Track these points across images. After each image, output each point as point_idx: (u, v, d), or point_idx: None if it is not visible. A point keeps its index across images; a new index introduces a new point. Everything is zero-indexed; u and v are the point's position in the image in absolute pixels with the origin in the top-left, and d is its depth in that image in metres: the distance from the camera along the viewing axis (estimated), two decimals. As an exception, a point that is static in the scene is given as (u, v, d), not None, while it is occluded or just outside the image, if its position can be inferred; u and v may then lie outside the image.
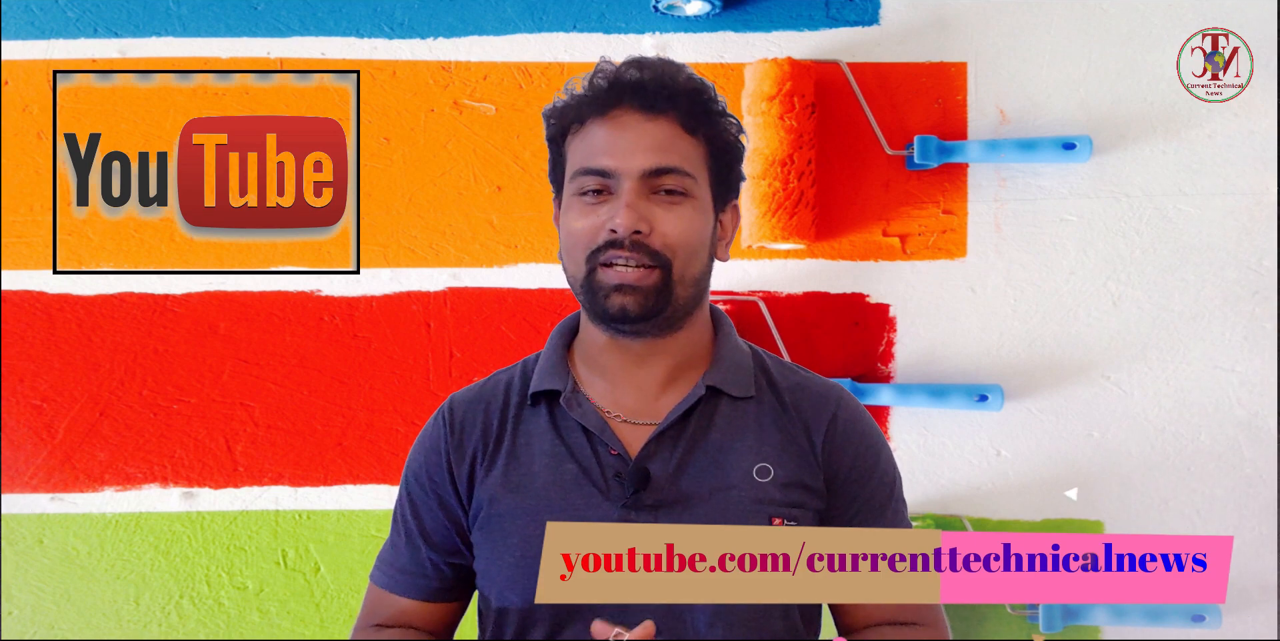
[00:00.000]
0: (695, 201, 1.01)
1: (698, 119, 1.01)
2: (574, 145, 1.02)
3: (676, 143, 1.00)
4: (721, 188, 1.05)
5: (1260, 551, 1.71)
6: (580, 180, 1.00)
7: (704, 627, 0.98)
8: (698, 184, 1.01)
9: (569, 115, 1.03)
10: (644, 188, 0.98)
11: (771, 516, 1.01)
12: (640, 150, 0.98)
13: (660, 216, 0.98)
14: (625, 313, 0.98)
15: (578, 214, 1.00)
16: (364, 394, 1.74)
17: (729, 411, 1.04)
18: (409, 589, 1.09)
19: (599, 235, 0.98)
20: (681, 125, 1.00)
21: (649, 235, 0.98)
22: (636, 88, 1.00)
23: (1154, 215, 1.72)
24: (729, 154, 1.04)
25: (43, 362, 1.74)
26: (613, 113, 1.00)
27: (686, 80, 1.02)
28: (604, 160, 0.99)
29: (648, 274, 0.98)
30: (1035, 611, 1.67)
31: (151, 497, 1.74)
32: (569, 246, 1.01)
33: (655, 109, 1.00)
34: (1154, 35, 1.72)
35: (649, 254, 0.98)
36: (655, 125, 0.99)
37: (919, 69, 1.73)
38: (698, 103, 1.01)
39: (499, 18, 1.75)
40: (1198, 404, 1.71)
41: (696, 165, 1.01)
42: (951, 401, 1.68)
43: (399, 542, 1.11)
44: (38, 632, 1.74)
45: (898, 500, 1.08)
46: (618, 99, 1.00)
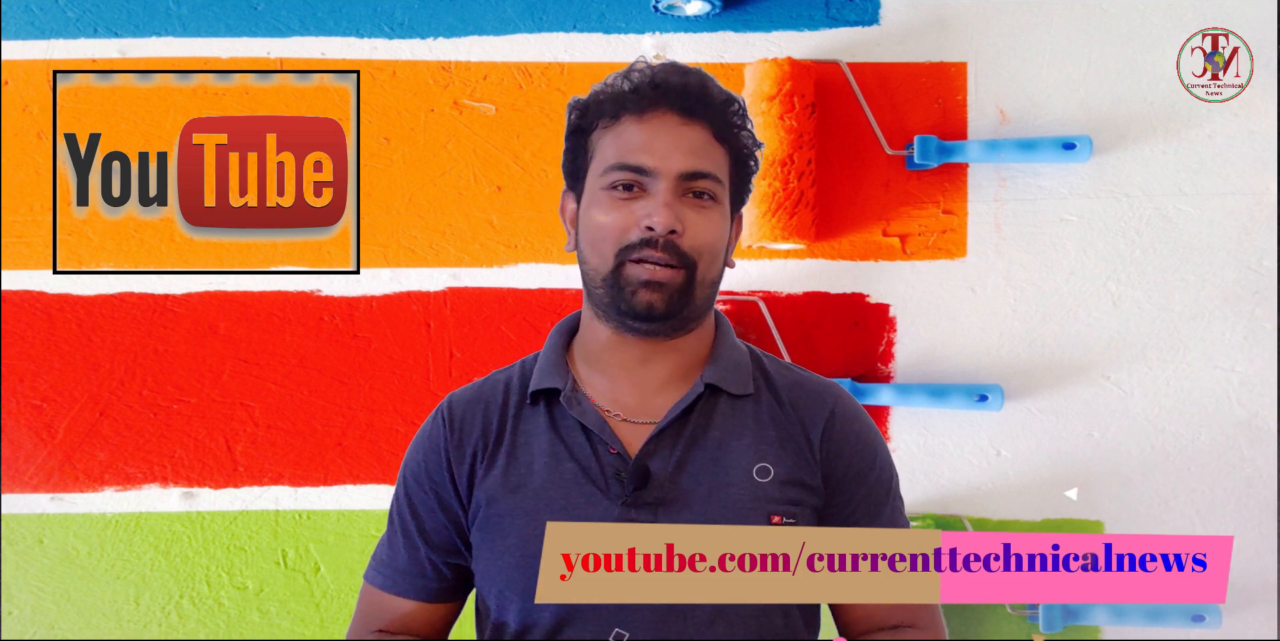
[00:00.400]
0: (720, 207, 1.03)
1: (727, 129, 1.03)
2: (605, 140, 1.03)
3: (709, 149, 1.02)
4: (737, 197, 1.07)
5: (1260, 551, 1.71)
6: (613, 174, 1.01)
7: (704, 627, 0.98)
8: (723, 190, 1.03)
9: (602, 109, 1.04)
10: (678, 189, 1.00)
11: (770, 514, 1.01)
12: (678, 152, 1.00)
13: (692, 218, 1.00)
14: (652, 308, 0.99)
15: (607, 208, 1.01)
16: (364, 394, 1.74)
17: (728, 409, 1.05)
18: (408, 589, 1.09)
19: (630, 231, 0.99)
20: (713, 133, 1.02)
21: (681, 236, 0.99)
22: (678, 92, 1.02)
23: (1154, 215, 1.72)
24: (747, 166, 1.07)
25: (43, 362, 1.74)
26: (650, 113, 1.01)
27: (721, 91, 1.04)
28: (642, 158, 1.00)
29: (676, 274, 0.99)
30: (1035, 611, 1.67)
31: (151, 497, 1.74)
32: (595, 240, 1.02)
33: (692, 114, 1.01)
34: (1154, 35, 1.72)
35: (678, 254, 0.99)
36: (691, 130, 1.01)
37: (919, 69, 1.73)
38: (729, 113, 1.04)
39: (499, 18, 1.75)
40: (1198, 404, 1.71)
41: (723, 172, 1.03)
42: (951, 401, 1.68)
43: (397, 543, 1.10)
44: (38, 632, 1.74)
45: (895, 497, 1.08)
46: (657, 100, 1.01)
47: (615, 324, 1.03)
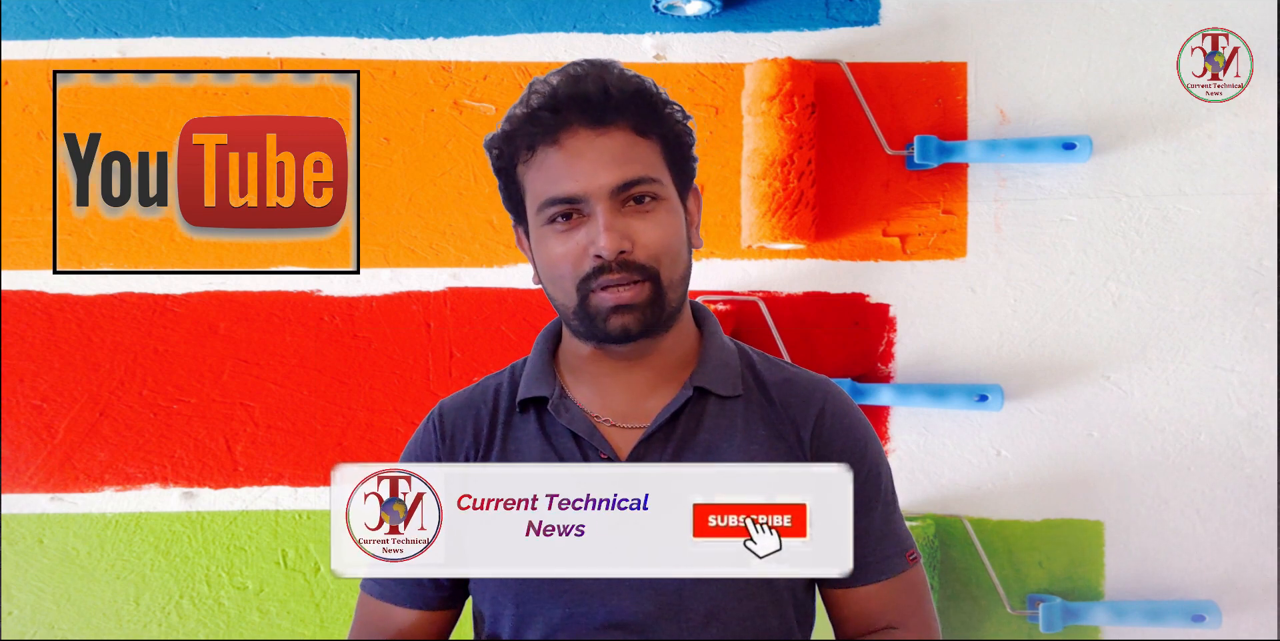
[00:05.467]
0: (665, 203, 0.99)
1: (647, 120, 0.99)
2: (529, 175, 1.00)
3: (633, 150, 0.98)
4: (682, 178, 1.03)
5: (1260, 551, 1.71)
6: (548, 210, 0.98)
7: (698, 628, 0.98)
8: (663, 185, 0.99)
9: (515, 144, 1.00)
10: (615, 204, 0.97)
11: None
12: (601, 168, 0.96)
13: (638, 228, 0.97)
14: (627, 332, 0.98)
15: (555, 242, 0.98)
16: (364, 394, 1.74)
17: (717, 411, 1.04)
18: (405, 598, 1.08)
19: (583, 262, 0.97)
20: (634, 130, 0.98)
21: (633, 251, 0.96)
22: (580, 103, 0.97)
23: (1154, 215, 1.72)
24: (682, 144, 1.02)
25: (43, 362, 1.74)
26: (561, 136, 0.97)
27: (626, 83, 0.99)
28: (568, 186, 0.96)
29: (641, 288, 0.97)
30: (1035, 611, 1.67)
31: (151, 497, 1.74)
32: (554, 276, 1.00)
33: (603, 121, 0.97)
34: (1154, 35, 1.72)
35: (637, 269, 0.97)
36: (608, 138, 0.97)
37: (919, 69, 1.73)
38: (644, 104, 0.99)
39: (499, 18, 1.75)
40: (1198, 404, 1.71)
41: (657, 167, 0.99)
42: (951, 401, 1.68)
43: None
44: (38, 632, 1.74)
45: (887, 493, 1.07)
46: (564, 120, 0.97)
47: (594, 343, 1.02)
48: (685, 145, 1.03)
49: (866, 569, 1.02)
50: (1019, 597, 1.72)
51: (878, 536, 1.03)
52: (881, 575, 1.03)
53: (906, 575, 1.05)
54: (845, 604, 1.05)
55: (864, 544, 1.02)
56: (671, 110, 1.01)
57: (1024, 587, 1.72)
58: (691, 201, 1.05)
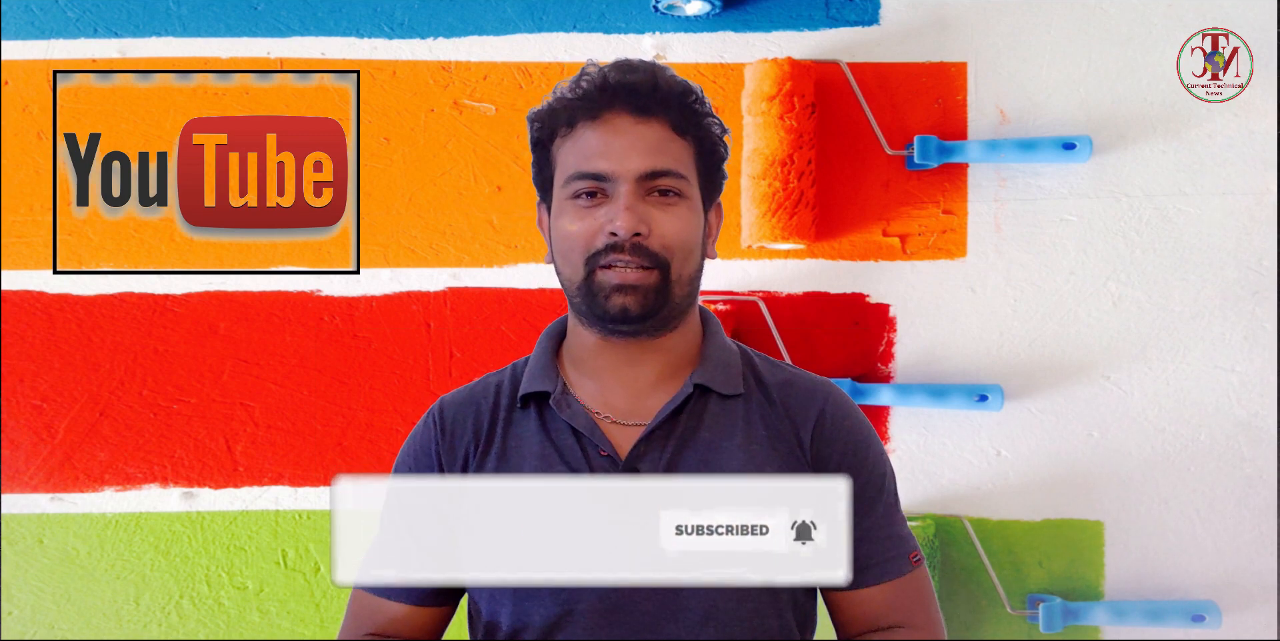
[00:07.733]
0: (689, 202, 1.02)
1: (687, 121, 1.02)
2: (564, 149, 1.02)
3: (668, 145, 1.00)
4: (709, 187, 1.06)
5: (1260, 551, 1.71)
6: (574, 184, 1.00)
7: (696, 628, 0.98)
8: (690, 184, 1.02)
9: (558, 118, 1.03)
10: (640, 190, 0.99)
11: None
12: (635, 153, 0.99)
13: (657, 218, 0.99)
14: (626, 312, 0.99)
15: (573, 217, 1.00)
16: (364, 394, 1.74)
17: (718, 410, 1.04)
18: (399, 593, 1.08)
19: (597, 238, 0.99)
20: (672, 127, 1.01)
21: (648, 237, 0.98)
22: (628, 91, 1.00)
23: (1154, 215, 1.72)
24: (715, 154, 1.05)
25: (43, 362, 1.74)
26: (604, 116, 1.00)
27: (675, 83, 1.02)
28: (599, 163, 0.99)
29: (648, 275, 0.99)
30: (1035, 611, 1.67)
31: (151, 497, 1.74)
32: (565, 250, 1.01)
33: (647, 112, 1.00)
34: (1154, 35, 1.72)
35: (648, 255, 0.98)
36: (647, 128, 1.00)
37: (919, 69, 1.73)
38: (687, 105, 1.02)
39: (499, 18, 1.75)
40: (1198, 404, 1.72)
41: (687, 166, 1.02)
42: (951, 401, 1.68)
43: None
44: (38, 632, 1.74)
45: (889, 494, 1.07)
46: (609, 102, 1.00)
47: (598, 329, 1.03)
48: (718, 155, 1.06)
49: (869, 570, 1.02)
50: (1019, 597, 1.72)
51: (881, 538, 1.03)
52: (885, 576, 1.03)
53: (910, 576, 1.05)
54: (848, 605, 1.05)
55: (867, 545, 1.02)
56: (711, 120, 1.04)
57: (1024, 587, 1.72)
58: (713, 214, 1.08)
